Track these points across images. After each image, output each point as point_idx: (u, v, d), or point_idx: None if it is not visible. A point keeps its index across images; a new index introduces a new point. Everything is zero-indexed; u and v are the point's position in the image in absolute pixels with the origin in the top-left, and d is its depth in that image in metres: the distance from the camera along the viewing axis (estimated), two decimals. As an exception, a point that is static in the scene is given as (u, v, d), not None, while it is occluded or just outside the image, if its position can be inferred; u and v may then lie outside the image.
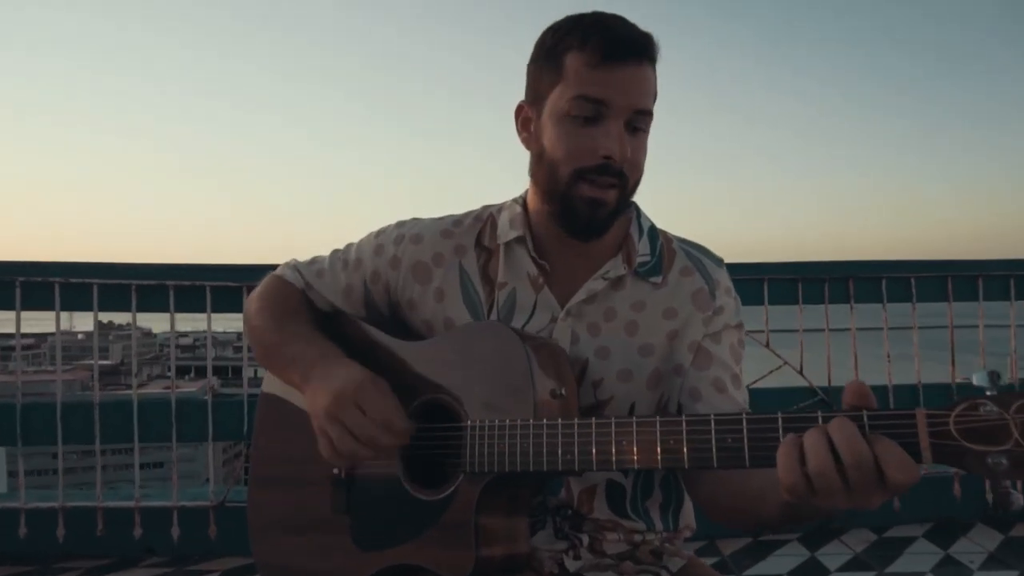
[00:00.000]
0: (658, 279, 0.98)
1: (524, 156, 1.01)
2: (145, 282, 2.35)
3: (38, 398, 2.53)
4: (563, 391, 0.86)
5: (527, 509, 0.87)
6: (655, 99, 0.95)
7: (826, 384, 2.62)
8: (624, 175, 0.91)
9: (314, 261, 1.10)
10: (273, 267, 1.09)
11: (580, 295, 0.97)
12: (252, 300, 1.08)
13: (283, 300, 1.06)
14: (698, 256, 1.02)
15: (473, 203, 1.08)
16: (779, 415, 0.67)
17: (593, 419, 0.80)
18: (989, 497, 2.67)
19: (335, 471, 0.94)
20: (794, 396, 2.58)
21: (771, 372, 2.58)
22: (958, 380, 2.62)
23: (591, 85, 0.89)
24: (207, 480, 2.52)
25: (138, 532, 2.33)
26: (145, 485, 2.43)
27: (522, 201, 1.02)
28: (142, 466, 2.57)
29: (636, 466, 0.76)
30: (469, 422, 0.85)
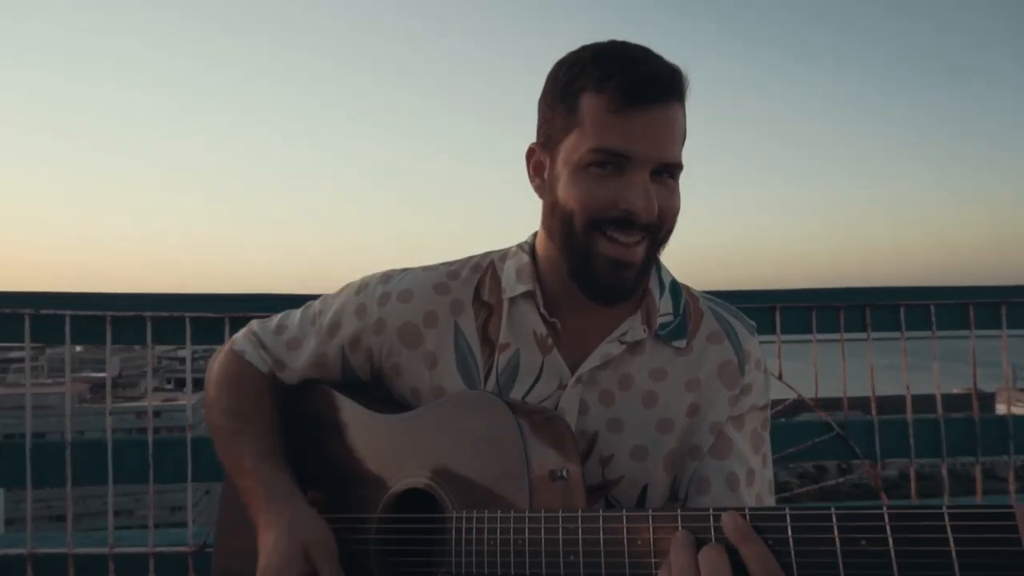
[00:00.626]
0: (682, 343, 0.87)
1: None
2: (121, 313, 2.22)
3: (17, 435, 2.38)
4: (565, 472, 0.74)
5: None
6: (684, 141, 0.82)
7: (843, 416, 2.49)
8: (654, 229, 0.81)
9: (281, 327, 0.97)
10: (259, 298, 0.96)
11: (593, 360, 0.85)
12: (211, 384, 0.97)
13: (240, 393, 0.94)
14: (729, 320, 0.91)
15: (482, 222, 0.94)
16: (788, 517, 0.56)
17: (600, 511, 0.67)
18: None
19: None
20: (809, 430, 2.45)
21: (784, 406, 2.44)
22: (981, 415, 2.48)
23: (611, 135, 0.78)
24: (187, 523, 2.37)
25: (112, 580, 2.19)
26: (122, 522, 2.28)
27: (529, 249, 0.90)
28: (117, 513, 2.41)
29: (654, 572, 0.64)
30: (454, 513, 0.74)
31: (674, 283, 0.92)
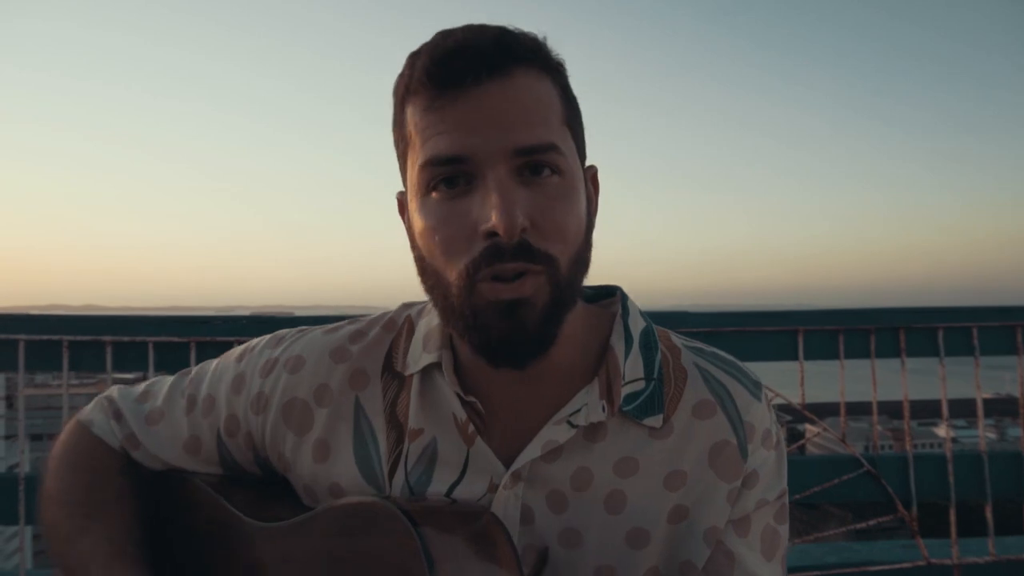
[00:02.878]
0: (657, 420, 0.65)
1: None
2: (78, 337, 2.05)
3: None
4: None
5: None
6: (560, 116, 0.60)
7: (871, 451, 2.26)
8: (536, 250, 0.57)
9: (146, 395, 0.77)
10: (231, 320, 0.77)
11: (533, 450, 0.64)
12: (49, 468, 0.75)
13: (89, 476, 0.73)
14: (722, 381, 0.68)
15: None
16: None
17: None
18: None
19: None
20: (837, 466, 2.22)
21: (808, 440, 2.21)
22: (1031, 449, 2.23)
23: (437, 138, 0.58)
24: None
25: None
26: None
27: None
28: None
29: None
30: None
31: (647, 333, 0.69)
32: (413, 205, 0.62)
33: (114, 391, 0.80)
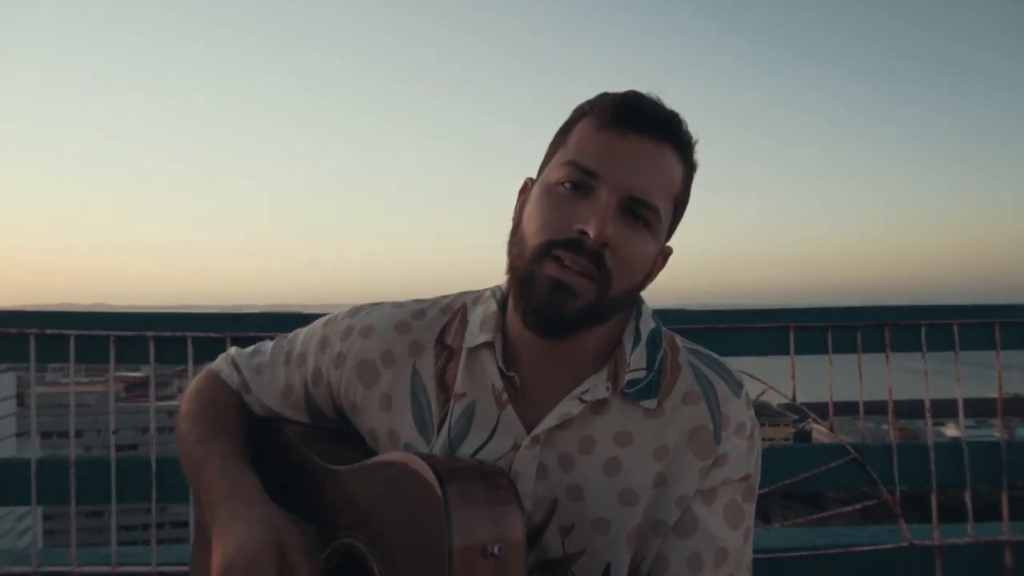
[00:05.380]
0: (652, 403, 0.80)
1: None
2: (124, 333, 2.22)
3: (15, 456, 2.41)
4: (497, 549, 0.67)
5: None
6: (674, 197, 0.78)
7: (860, 440, 2.40)
8: (604, 264, 0.73)
9: (256, 351, 0.96)
10: (265, 316, 0.95)
11: (551, 419, 0.79)
12: (185, 399, 0.95)
13: (213, 406, 0.92)
14: (709, 377, 0.82)
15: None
16: None
17: None
18: (1044, 568, 2.42)
19: None
20: (824, 454, 2.36)
21: (797, 429, 2.36)
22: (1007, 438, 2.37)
23: (588, 152, 0.75)
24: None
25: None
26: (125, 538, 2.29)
27: (500, 297, 0.85)
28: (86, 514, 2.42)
29: None
30: None
31: (655, 333, 0.84)
32: (539, 188, 0.79)
33: (233, 350, 0.99)
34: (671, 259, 0.83)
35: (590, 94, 0.78)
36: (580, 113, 0.79)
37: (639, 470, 0.79)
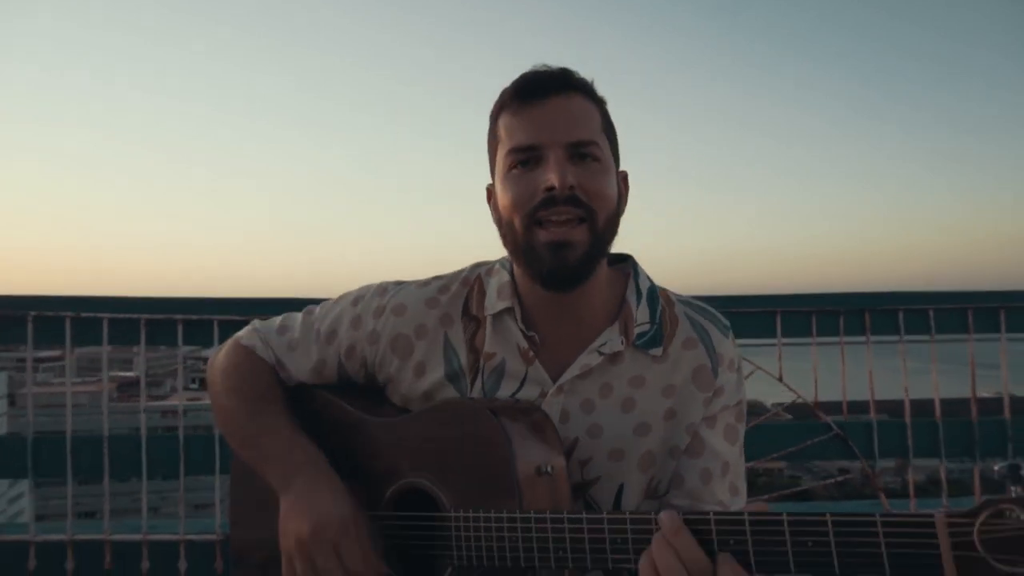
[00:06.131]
0: (658, 351, 0.93)
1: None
2: (154, 316, 2.36)
3: (56, 427, 2.54)
4: (550, 468, 0.81)
5: None
6: (602, 128, 0.90)
7: (842, 418, 2.55)
8: (584, 204, 0.85)
9: (284, 328, 1.03)
10: (286, 302, 0.98)
11: (574, 370, 0.91)
12: (217, 373, 1.02)
13: (254, 379, 0.99)
14: (703, 324, 0.96)
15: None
16: (746, 518, 0.65)
17: (584, 514, 0.75)
18: None
19: None
20: (810, 430, 2.52)
21: (784, 407, 2.52)
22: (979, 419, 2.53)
23: (518, 134, 0.87)
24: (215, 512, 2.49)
25: (145, 565, 2.33)
26: (153, 515, 2.43)
27: (510, 266, 0.97)
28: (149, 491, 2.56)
29: (633, 567, 0.71)
30: (452, 511, 0.81)
31: (652, 290, 0.97)
32: (498, 183, 0.91)
33: (256, 324, 1.06)
34: (670, 258, 0.95)
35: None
36: (496, 113, 0.91)
37: (651, 406, 0.92)
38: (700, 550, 0.65)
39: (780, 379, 2.51)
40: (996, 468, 0.60)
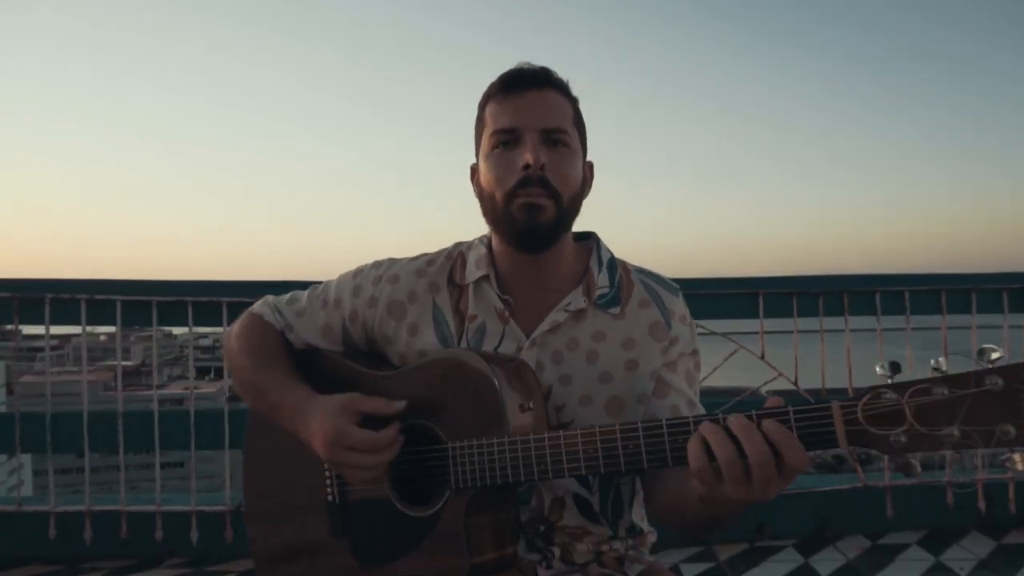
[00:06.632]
0: (617, 310, 1.07)
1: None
2: (166, 298, 2.47)
3: (67, 407, 2.65)
4: (531, 404, 0.95)
5: (510, 514, 0.96)
6: (573, 121, 1.04)
7: (821, 395, 2.68)
8: (552, 187, 0.99)
9: (293, 299, 1.16)
10: (289, 284, 1.11)
11: (544, 326, 1.05)
12: (233, 338, 1.15)
13: (262, 341, 1.12)
14: (655, 287, 1.10)
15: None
16: (690, 419, 0.79)
17: (561, 432, 0.89)
18: (982, 505, 2.72)
19: (328, 497, 1.02)
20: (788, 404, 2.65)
21: (766, 383, 2.65)
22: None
23: (501, 118, 1.01)
24: (226, 484, 2.62)
25: (159, 535, 2.46)
26: (166, 486, 2.55)
27: (487, 241, 1.11)
28: (162, 465, 2.69)
29: (603, 470, 0.86)
30: (450, 444, 0.94)
31: (611, 261, 1.12)
32: (482, 162, 1.04)
33: (269, 298, 1.18)
34: (673, 255, 1.08)
35: (589, 89, 1.02)
36: (484, 101, 1.04)
37: (613, 357, 1.04)
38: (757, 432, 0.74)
39: (762, 357, 2.64)
40: (878, 368, 0.71)
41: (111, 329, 2.56)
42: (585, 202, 1.07)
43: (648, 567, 1.08)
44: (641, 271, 1.12)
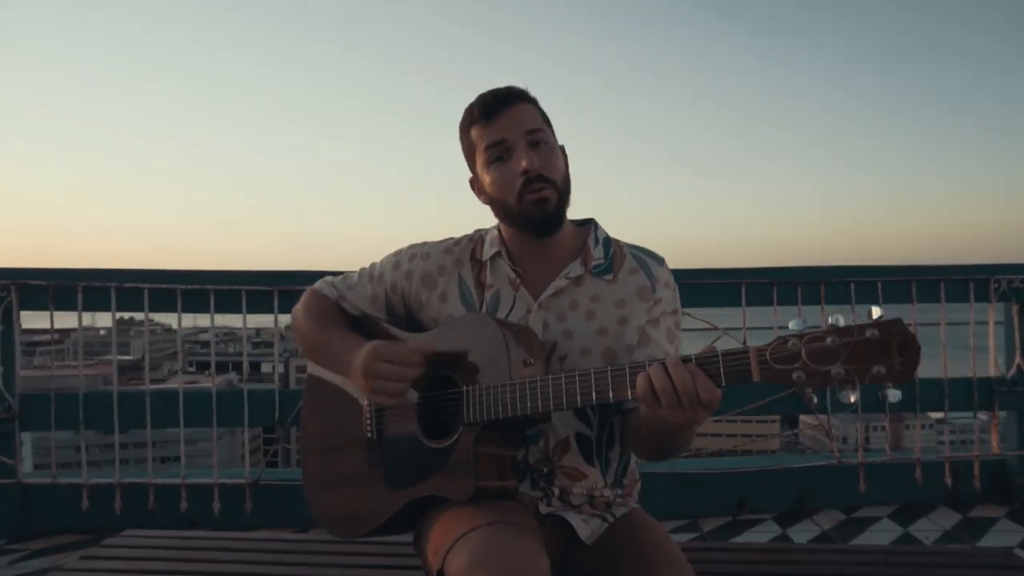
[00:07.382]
0: (610, 276, 1.26)
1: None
2: (189, 286, 2.66)
3: (94, 389, 2.84)
4: (532, 360, 1.15)
5: (513, 449, 1.16)
6: (543, 119, 1.26)
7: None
8: (549, 180, 1.20)
9: (346, 277, 1.40)
10: (301, 274, 1.28)
11: (549, 291, 1.25)
12: (299, 309, 1.38)
13: (321, 309, 1.37)
14: (643, 258, 1.29)
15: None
16: (645, 361, 0.99)
17: (550, 376, 1.09)
18: (949, 481, 2.92)
19: (368, 434, 1.24)
20: (770, 387, 2.83)
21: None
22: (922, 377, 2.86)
23: (489, 135, 1.23)
24: (243, 459, 2.81)
25: (184, 506, 2.65)
26: (189, 463, 2.74)
27: (498, 227, 1.33)
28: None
29: (579, 403, 1.06)
30: (465, 387, 1.14)
31: (607, 238, 1.33)
32: (483, 176, 1.25)
33: (326, 278, 1.44)
34: (672, 250, 1.26)
35: (589, 87, 1.21)
36: (467, 127, 1.25)
37: (607, 315, 1.24)
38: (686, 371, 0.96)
39: (744, 343, 2.82)
40: (791, 324, 0.91)
41: (139, 315, 2.74)
42: (587, 198, 1.28)
43: (631, 511, 1.27)
44: (632, 246, 1.32)
